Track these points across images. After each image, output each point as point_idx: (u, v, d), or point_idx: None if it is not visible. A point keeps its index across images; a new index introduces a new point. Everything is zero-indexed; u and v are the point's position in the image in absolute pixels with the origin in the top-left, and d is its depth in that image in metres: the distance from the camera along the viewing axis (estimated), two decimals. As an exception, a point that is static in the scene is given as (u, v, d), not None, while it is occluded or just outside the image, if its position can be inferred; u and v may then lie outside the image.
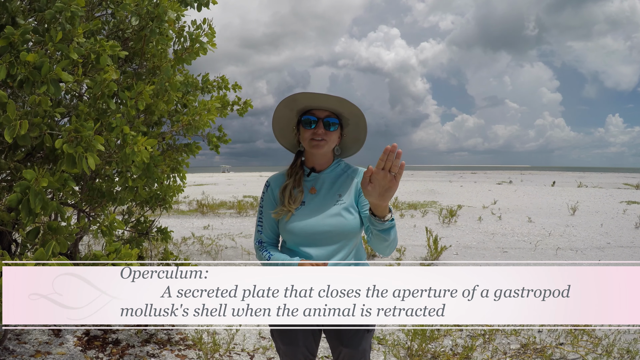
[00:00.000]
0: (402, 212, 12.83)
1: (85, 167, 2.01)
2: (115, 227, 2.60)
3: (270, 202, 1.83)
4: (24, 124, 1.94)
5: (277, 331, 1.84)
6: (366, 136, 1.85)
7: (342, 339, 1.81)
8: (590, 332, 3.64)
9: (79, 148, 2.03)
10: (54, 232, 2.17)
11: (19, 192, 1.91)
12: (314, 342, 1.86)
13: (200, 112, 3.06)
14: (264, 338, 3.62)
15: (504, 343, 3.56)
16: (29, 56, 2.01)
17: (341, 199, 1.76)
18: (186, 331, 3.58)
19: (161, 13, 2.57)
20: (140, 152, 2.35)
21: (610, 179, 37.67)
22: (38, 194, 1.92)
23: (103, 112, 2.44)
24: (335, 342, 1.85)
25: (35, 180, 1.91)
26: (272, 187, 1.84)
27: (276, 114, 1.81)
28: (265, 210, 1.84)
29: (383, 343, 3.54)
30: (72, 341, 3.25)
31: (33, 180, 1.90)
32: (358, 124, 1.82)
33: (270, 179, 1.88)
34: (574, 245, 7.95)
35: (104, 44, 2.35)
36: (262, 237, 1.85)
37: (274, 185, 1.84)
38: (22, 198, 1.91)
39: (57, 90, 2.11)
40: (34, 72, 2.06)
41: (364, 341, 1.83)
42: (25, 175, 1.91)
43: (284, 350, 1.84)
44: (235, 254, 7.10)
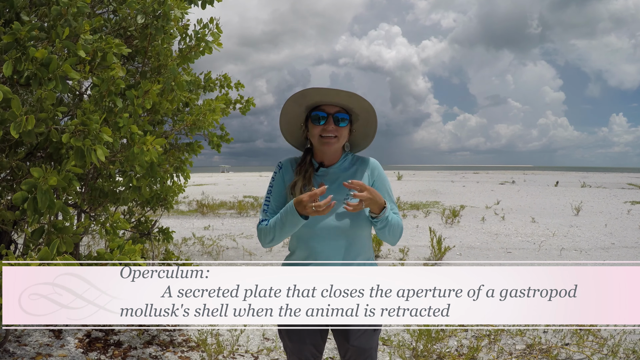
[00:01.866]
0: (405, 212, 12.79)
1: (94, 160, 1.99)
2: (119, 226, 2.57)
3: (279, 184, 1.81)
4: (30, 119, 1.91)
5: (285, 329, 1.82)
6: (376, 132, 1.83)
7: (349, 337, 1.79)
8: (596, 332, 3.61)
9: (86, 141, 2.00)
10: (59, 231, 2.15)
11: (25, 190, 1.89)
12: (321, 339, 1.84)
13: (205, 112, 3.03)
14: (267, 339, 3.59)
15: (509, 344, 3.52)
16: (37, 52, 1.99)
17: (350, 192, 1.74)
18: (189, 333, 3.55)
19: (167, 11, 2.54)
20: (149, 151, 2.33)
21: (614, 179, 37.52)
22: (45, 192, 1.89)
23: (109, 110, 2.41)
24: (342, 340, 1.83)
25: (43, 178, 1.88)
26: (284, 170, 1.82)
27: (284, 110, 1.78)
28: (274, 190, 1.81)
29: (388, 344, 3.51)
30: (73, 343, 3.22)
31: (41, 179, 1.88)
32: (368, 120, 1.79)
33: (283, 161, 1.85)
34: (578, 246, 7.90)
35: (110, 41, 2.33)
36: (268, 215, 1.79)
37: (285, 168, 1.82)
38: (28, 196, 1.89)
39: (64, 87, 2.10)
40: (42, 69, 2.04)
41: (371, 340, 1.81)
42: (33, 173, 1.89)
43: (291, 347, 1.82)
44: (236, 254, 7.07)
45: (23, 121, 1.90)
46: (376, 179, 1.80)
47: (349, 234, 1.72)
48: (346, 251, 1.72)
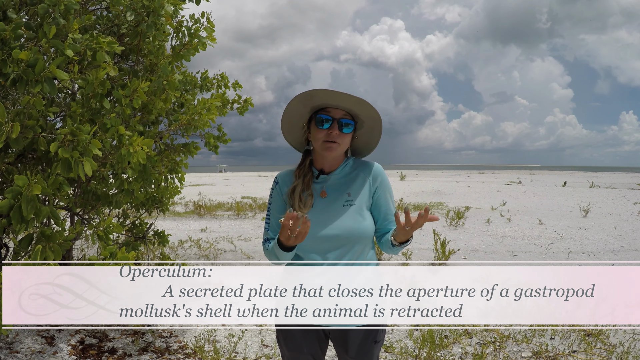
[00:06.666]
0: (409, 213, 12.66)
1: (81, 173, 1.92)
2: (111, 230, 2.50)
3: (278, 200, 1.76)
4: (15, 127, 1.85)
5: (283, 336, 1.76)
6: (378, 142, 1.78)
7: (349, 349, 1.72)
8: (604, 339, 3.50)
9: (74, 153, 1.94)
10: (47, 239, 2.08)
11: (10, 199, 1.82)
12: (320, 350, 1.77)
13: (200, 111, 2.95)
14: (266, 346, 3.50)
15: (515, 351, 3.42)
16: (22, 54, 1.92)
17: (350, 198, 1.68)
18: (185, 339, 3.47)
19: (157, 7, 2.47)
20: (136, 152, 2.26)
21: (623, 179, 37.07)
22: (30, 201, 1.83)
23: (97, 112, 2.34)
24: (341, 351, 1.76)
25: (28, 186, 1.81)
26: (281, 185, 1.76)
27: (288, 109, 1.71)
28: (273, 208, 1.77)
29: (390, 351, 3.41)
30: (66, 350, 3.14)
31: (25, 187, 1.81)
32: (373, 129, 1.73)
33: (279, 176, 1.80)
34: (586, 249, 7.75)
35: (100, 40, 2.25)
36: (269, 234, 1.77)
37: (282, 183, 1.76)
38: (14, 204, 1.83)
39: (52, 88, 2.03)
40: (28, 71, 1.98)
41: (371, 352, 1.74)
42: (17, 181, 1.82)
43: (289, 356, 1.77)
44: (234, 257, 6.99)
45: (7, 129, 1.83)
46: (379, 186, 1.74)
47: (351, 243, 1.66)
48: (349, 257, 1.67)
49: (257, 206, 14.14)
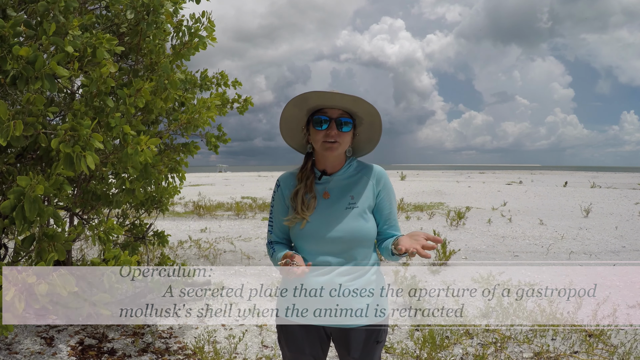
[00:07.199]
0: (408, 214, 12.62)
1: (84, 167, 1.91)
2: (112, 232, 2.49)
3: (280, 202, 1.76)
4: (18, 125, 1.84)
5: (284, 337, 1.76)
6: (380, 136, 1.76)
7: (350, 349, 1.71)
8: (606, 340, 3.49)
9: (76, 147, 1.93)
10: (50, 239, 2.07)
11: (12, 199, 1.81)
12: (322, 351, 1.77)
13: (200, 110, 2.94)
14: (266, 347, 3.49)
15: (516, 351, 3.40)
16: (21, 50, 1.91)
17: (353, 201, 1.67)
18: (185, 340, 3.46)
19: (157, 5, 2.45)
20: (143, 152, 2.25)
21: (625, 179, 36.96)
22: (34, 202, 1.82)
23: (100, 110, 2.33)
24: (343, 352, 1.76)
25: (30, 186, 1.80)
26: (282, 188, 1.76)
27: (284, 114, 1.70)
28: (275, 210, 1.77)
29: (391, 352, 3.40)
30: (65, 351, 3.13)
31: (28, 187, 1.80)
32: (373, 124, 1.72)
33: (281, 178, 1.80)
34: (587, 249, 7.73)
35: (100, 37, 2.24)
36: (273, 237, 1.79)
37: (284, 185, 1.76)
38: (17, 205, 1.82)
39: (52, 85, 2.02)
40: (28, 67, 1.96)
41: (372, 353, 1.73)
42: (19, 182, 1.81)
43: (290, 357, 1.76)
44: (234, 258, 6.96)
45: (11, 127, 1.82)
46: (382, 189, 1.73)
47: (354, 243, 1.65)
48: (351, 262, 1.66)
49: (257, 206, 14.10)
